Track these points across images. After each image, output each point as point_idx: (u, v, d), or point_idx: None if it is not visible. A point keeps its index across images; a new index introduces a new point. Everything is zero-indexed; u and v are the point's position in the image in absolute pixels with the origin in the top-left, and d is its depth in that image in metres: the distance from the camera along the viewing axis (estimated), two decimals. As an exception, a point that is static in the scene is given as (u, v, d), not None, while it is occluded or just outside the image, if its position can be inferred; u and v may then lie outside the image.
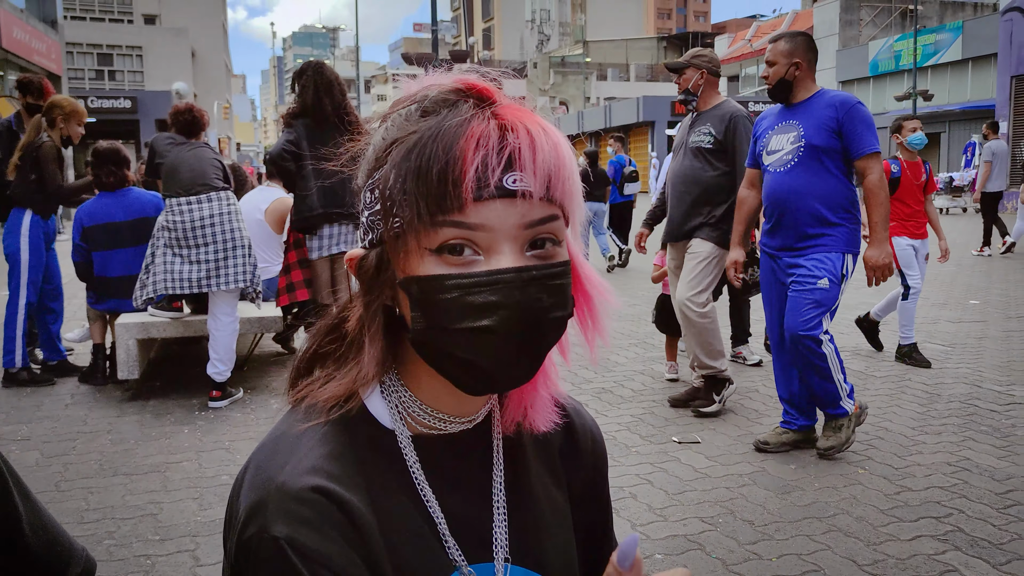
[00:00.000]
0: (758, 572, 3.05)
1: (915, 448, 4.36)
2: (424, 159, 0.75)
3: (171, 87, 37.82)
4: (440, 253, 0.76)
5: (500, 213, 0.76)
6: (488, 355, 0.78)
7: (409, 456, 0.85)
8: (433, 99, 0.79)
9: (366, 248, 0.83)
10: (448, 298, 0.76)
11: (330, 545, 0.75)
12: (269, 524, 0.75)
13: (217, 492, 3.85)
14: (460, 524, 0.86)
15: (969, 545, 3.24)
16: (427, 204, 0.75)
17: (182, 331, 5.49)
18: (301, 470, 0.78)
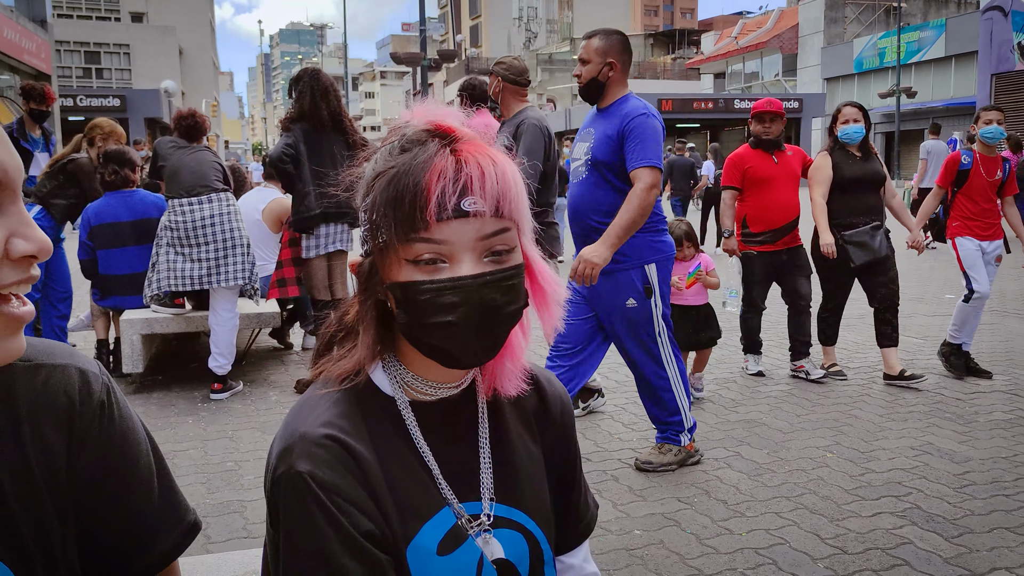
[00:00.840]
0: (729, 546, 3.30)
1: (881, 434, 4.62)
2: (399, 190, 0.98)
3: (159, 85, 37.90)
4: (415, 263, 1.00)
5: (459, 230, 0.98)
6: (454, 342, 1.01)
7: (407, 416, 1.10)
8: (409, 138, 1.03)
9: (363, 256, 1.08)
10: (422, 299, 0.99)
11: (342, 480, 1.00)
12: (295, 463, 0.99)
13: (223, 477, 4.08)
14: (451, 471, 1.11)
15: (925, 520, 3.50)
16: (402, 226, 0.98)
17: (184, 327, 5.72)
18: (318, 423, 1.03)
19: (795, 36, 51.16)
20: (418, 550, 1.04)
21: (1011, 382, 5.64)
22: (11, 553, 0.89)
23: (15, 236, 0.81)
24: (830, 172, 5.71)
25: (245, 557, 1.98)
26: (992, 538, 3.32)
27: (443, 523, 1.07)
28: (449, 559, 1.06)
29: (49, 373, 0.94)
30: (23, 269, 0.82)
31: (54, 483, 0.92)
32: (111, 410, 0.98)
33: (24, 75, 23.53)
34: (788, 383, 5.72)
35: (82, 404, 0.94)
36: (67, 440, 0.93)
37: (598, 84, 3.93)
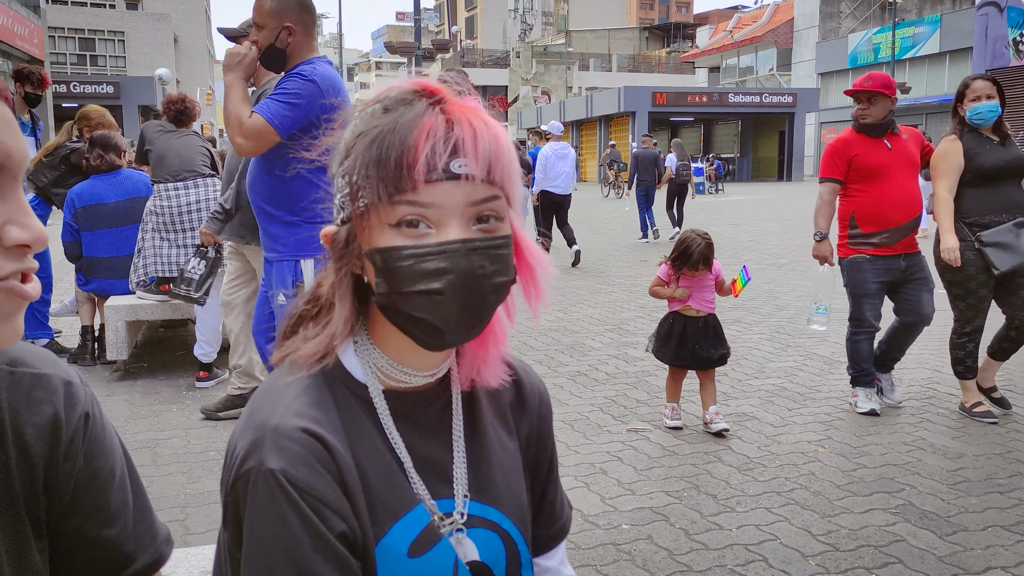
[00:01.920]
0: (719, 541, 3.24)
1: (874, 429, 4.57)
2: (383, 149, 0.90)
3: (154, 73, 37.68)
4: (398, 227, 0.92)
5: (448, 193, 0.91)
6: (438, 314, 0.93)
7: (379, 406, 1.01)
8: (393, 98, 0.95)
9: (338, 225, 0.99)
10: (405, 265, 0.91)
11: (316, 477, 0.91)
12: (265, 458, 0.90)
13: (205, 467, 4.01)
14: (424, 465, 1.03)
15: (918, 517, 3.44)
16: (386, 186, 0.90)
17: (170, 313, 5.63)
18: (290, 414, 0.94)
19: (790, 30, 51.13)
20: (387, 551, 0.96)
21: (1004, 377, 5.59)
22: None
23: (11, 223, 0.78)
24: (961, 160, 4.63)
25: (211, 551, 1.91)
26: (987, 536, 3.26)
27: (416, 522, 0.99)
28: (421, 561, 0.98)
29: (34, 381, 0.91)
30: (17, 258, 0.79)
31: (31, 492, 0.89)
32: (93, 423, 0.95)
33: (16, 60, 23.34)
34: (780, 376, 5.66)
35: (66, 415, 0.92)
36: (48, 450, 0.90)
37: (277, 51, 3.38)
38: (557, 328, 7.27)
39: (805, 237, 14.86)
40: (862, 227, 4.77)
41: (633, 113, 41.97)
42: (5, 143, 0.78)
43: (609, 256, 12.68)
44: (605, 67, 65.42)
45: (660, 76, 62.76)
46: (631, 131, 41.95)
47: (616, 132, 44.02)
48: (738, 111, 44.34)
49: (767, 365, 6.00)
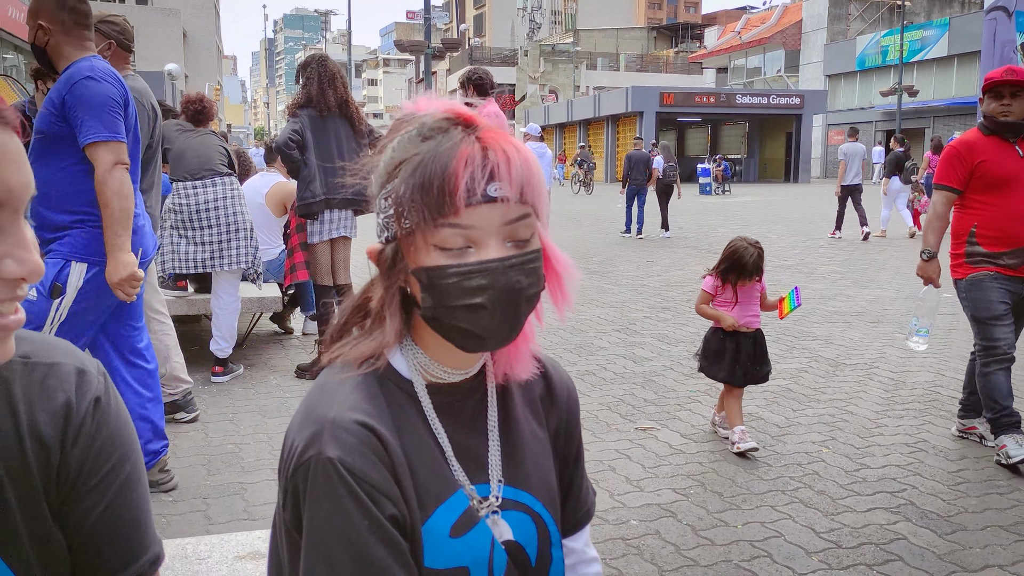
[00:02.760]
0: (724, 537, 3.34)
1: (877, 430, 4.66)
2: (426, 176, 0.99)
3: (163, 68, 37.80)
4: (442, 248, 1.01)
5: (486, 215, 1.00)
6: (480, 324, 1.03)
7: (424, 400, 1.12)
8: (430, 126, 1.04)
9: (383, 243, 1.08)
10: (449, 283, 1.01)
11: (370, 465, 1.01)
12: (324, 448, 1.00)
13: (223, 459, 4.11)
14: (463, 453, 1.13)
15: (919, 516, 3.53)
16: (430, 211, 0.99)
17: (187, 309, 5.74)
18: (346, 408, 1.04)
19: (798, 32, 51.12)
20: (432, 532, 1.07)
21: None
22: (8, 547, 0.91)
23: (8, 257, 0.82)
24: None
25: (248, 538, 2.01)
26: (985, 536, 3.35)
27: (457, 506, 1.09)
28: (461, 541, 1.08)
29: (47, 371, 0.96)
30: (11, 288, 0.83)
31: (47, 478, 0.94)
32: (105, 409, 0.99)
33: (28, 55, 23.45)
34: (785, 377, 5.74)
35: (78, 402, 0.96)
36: (61, 435, 0.95)
37: (40, 51, 3.28)
38: (565, 328, 7.36)
39: (811, 239, 14.97)
40: (985, 245, 4.13)
41: (641, 113, 42.01)
42: (7, 179, 0.81)
43: (616, 257, 12.77)
44: (613, 66, 65.45)
45: (668, 76, 62.75)
46: (638, 131, 41.95)
47: (623, 132, 44.07)
48: (745, 112, 44.35)
49: (773, 366, 6.07)
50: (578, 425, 1.32)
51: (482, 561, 1.10)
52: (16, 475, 0.92)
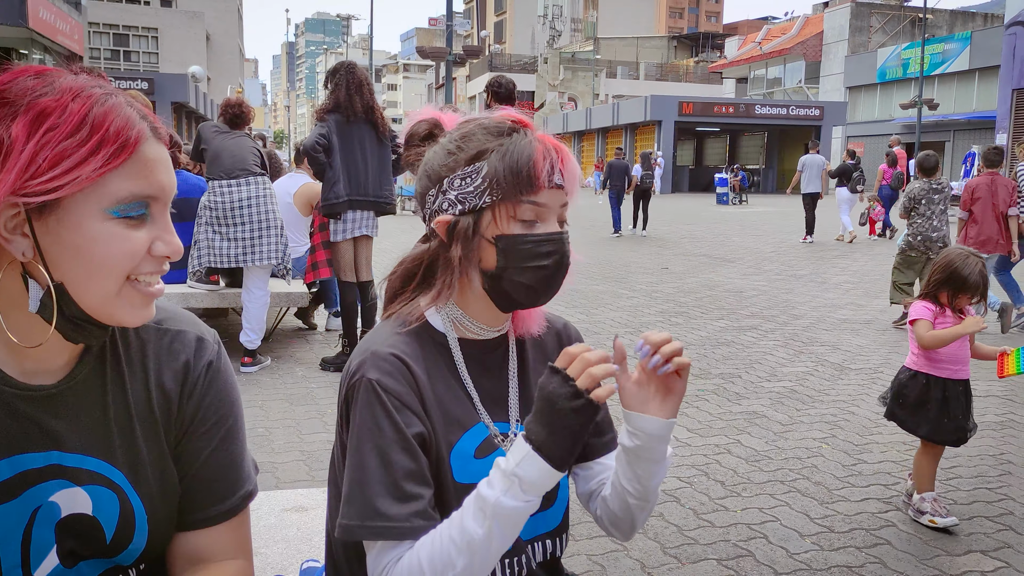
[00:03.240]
0: (724, 521, 3.56)
1: (876, 429, 4.86)
2: (516, 161, 1.27)
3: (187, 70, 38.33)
4: (520, 220, 1.29)
5: (552, 197, 1.29)
6: (543, 283, 1.31)
7: (455, 349, 1.38)
8: (494, 126, 1.32)
9: (455, 216, 1.31)
10: (527, 248, 1.28)
11: (402, 388, 1.28)
12: (366, 372, 1.28)
13: (255, 441, 4.37)
14: (487, 395, 1.39)
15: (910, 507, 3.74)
16: (519, 187, 1.27)
17: (219, 302, 6.01)
18: (386, 345, 1.32)
19: (819, 43, 51.18)
20: (459, 453, 1.32)
21: (1007, 388, 5.85)
22: (130, 465, 1.16)
23: (159, 240, 1.04)
24: None
25: (292, 495, 2.26)
26: (971, 524, 3.56)
27: (479, 434, 1.35)
28: (483, 462, 1.34)
29: (174, 336, 1.22)
30: (158, 264, 1.06)
31: (167, 421, 1.19)
32: (216, 372, 1.23)
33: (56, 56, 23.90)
34: (791, 380, 5.95)
35: (195, 363, 1.20)
36: (180, 389, 1.19)
37: None
38: (579, 329, 7.56)
39: (825, 249, 15.13)
40: None
41: (659, 122, 42.20)
42: (163, 181, 1.04)
43: (631, 263, 12.98)
44: (632, 75, 65.70)
45: (687, 85, 62.95)
46: (656, 140, 42.16)
47: (642, 140, 44.25)
48: (765, 123, 44.46)
49: (779, 369, 6.29)
50: None
51: None
52: (144, 416, 1.17)
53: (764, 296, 9.91)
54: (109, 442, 1.14)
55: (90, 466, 1.12)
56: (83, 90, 1.00)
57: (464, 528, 1.17)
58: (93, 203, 0.99)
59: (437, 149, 1.35)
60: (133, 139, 1.01)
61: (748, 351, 6.87)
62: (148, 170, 1.03)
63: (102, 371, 1.15)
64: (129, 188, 1.01)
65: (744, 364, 6.43)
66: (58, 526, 1.10)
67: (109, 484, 1.13)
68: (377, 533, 1.21)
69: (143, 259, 1.04)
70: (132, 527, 1.14)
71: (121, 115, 1.01)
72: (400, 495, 1.22)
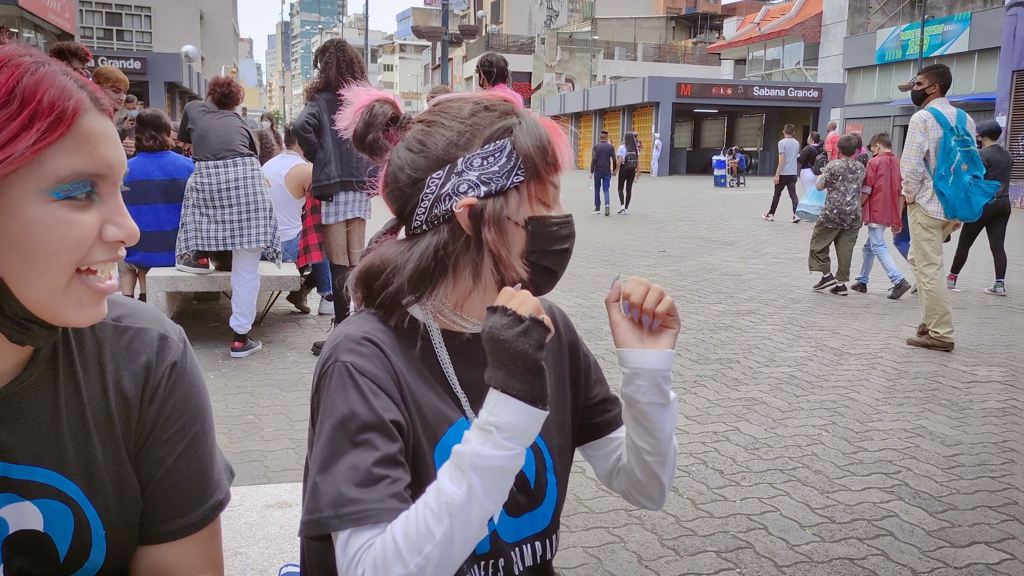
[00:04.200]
0: (723, 511, 3.48)
1: (876, 416, 4.78)
2: (539, 139, 1.21)
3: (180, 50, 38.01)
4: (540, 202, 1.22)
5: (560, 179, 1.26)
6: (562, 266, 1.27)
7: (436, 339, 1.28)
8: (494, 105, 1.23)
9: (479, 198, 1.20)
10: (552, 230, 1.23)
11: (377, 370, 1.18)
12: (339, 354, 1.18)
13: (244, 428, 4.28)
14: (471, 390, 1.29)
15: (912, 496, 3.67)
16: (545, 167, 1.22)
17: (208, 286, 5.90)
18: (360, 330, 1.22)
19: (818, 24, 50.84)
20: (445, 449, 1.22)
21: (1009, 373, 5.78)
22: (85, 476, 1.05)
23: (110, 223, 0.94)
24: None
25: (275, 490, 2.16)
26: (975, 515, 3.48)
27: (461, 430, 1.24)
28: None
29: (134, 335, 1.10)
30: (111, 250, 0.95)
31: (127, 428, 1.08)
32: (181, 373, 1.11)
33: (47, 34, 23.69)
34: (790, 365, 5.87)
35: (157, 364, 1.09)
36: (140, 393, 1.07)
37: None
38: (575, 313, 7.50)
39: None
40: None
41: (657, 104, 41.96)
42: (108, 156, 0.93)
43: (628, 247, 12.89)
44: (630, 56, 65.33)
45: (685, 67, 62.59)
46: (654, 122, 41.94)
47: (639, 122, 44.05)
48: (763, 104, 44.24)
49: (778, 354, 6.20)
50: (579, 342, 1.49)
51: None
52: (101, 422, 1.06)
53: (762, 280, 9.83)
54: (62, 451, 1.03)
55: (40, 478, 1.01)
56: (10, 59, 0.89)
57: (441, 491, 1.06)
58: (30, 184, 0.88)
59: (434, 130, 1.23)
60: (71, 110, 0.90)
61: (746, 335, 6.78)
62: (90, 144, 0.92)
63: (54, 374, 1.04)
64: (70, 165, 0.90)
65: (743, 349, 6.34)
66: (5, 544, 1.00)
67: (62, 497, 1.03)
68: (349, 520, 1.08)
69: (94, 245, 0.93)
70: (88, 543, 1.05)
71: (55, 84, 0.89)
72: (373, 479, 1.11)
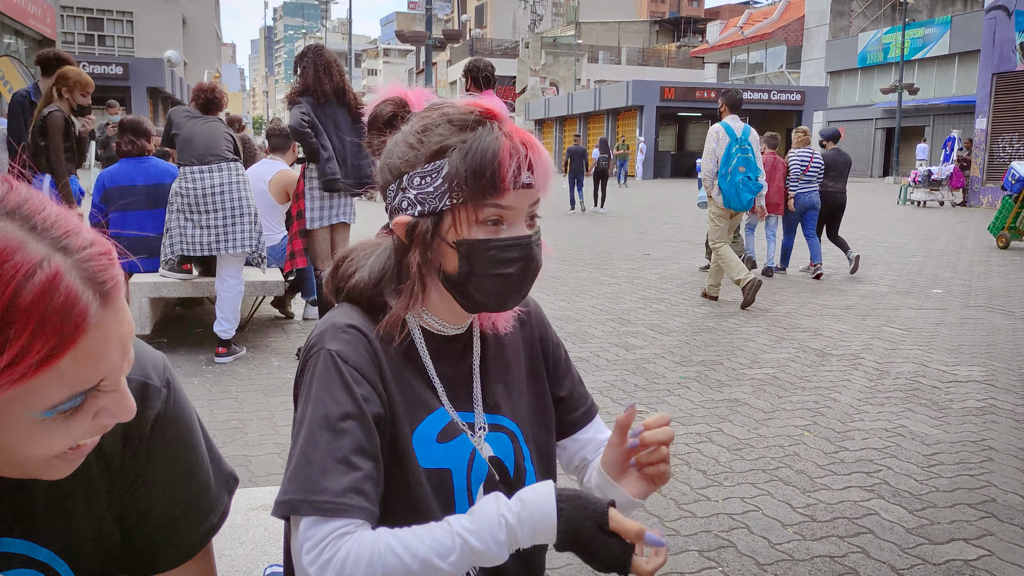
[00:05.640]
0: (705, 511, 3.51)
1: (858, 416, 4.83)
2: (479, 161, 1.16)
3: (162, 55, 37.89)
4: (484, 223, 1.19)
5: (520, 198, 1.19)
6: (508, 289, 1.23)
7: (416, 335, 1.30)
8: (459, 117, 1.21)
9: (413, 216, 1.22)
10: (490, 254, 1.19)
11: (361, 359, 1.21)
12: (325, 343, 1.21)
13: (228, 434, 4.28)
14: (448, 383, 1.32)
15: (892, 495, 3.71)
16: (482, 190, 1.17)
17: (192, 292, 5.90)
18: (344, 320, 1.25)
19: (800, 28, 51.17)
20: (422, 437, 1.26)
21: (988, 373, 5.84)
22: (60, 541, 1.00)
23: (104, 411, 0.85)
24: None
25: (260, 492, 2.18)
26: (953, 512, 3.53)
27: (441, 419, 1.29)
28: (446, 447, 1.28)
29: None
30: (99, 430, 0.87)
31: (109, 483, 1.03)
32: (164, 424, 1.05)
33: (28, 39, 23.57)
34: (773, 366, 5.91)
35: (137, 422, 1.00)
36: (121, 448, 1.02)
37: None
38: (561, 316, 7.53)
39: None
40: None
41: (641, 107, 42.10)
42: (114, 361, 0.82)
43: (612, 250, 12.93)
44: (614, 60, 65.53)
45: (669, 70, 62.83)
46: (638, 125, 42.08)
47: (624, 126, 44.18)
48: (746, 108, 44.03)
49: (761, 356, 6.25)
50: (551, 336, 1.50)
51: (462, 467, 1.29)
52: (78, 484, 0.99)
53: (745, 281, 9.87)
54: (33, 519, 0.97)
55: (10, 548, 0.96)
56: (6, 255, 0.72)
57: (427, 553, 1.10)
58: (17, 409, 0.77)
59: (398, 139, 1.25)
60: (74, 329, 0.75)
61: (730, 337, 6.83)
62: (95, 358, 0.79)
63: None
64: (67, 389, 0.78)
65: (726, 351, 6.38)
66: None
67: (36, 565, 0.98)
68: (317, 508, 1.11)
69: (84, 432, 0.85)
70: None
71: (60, 293, 0.74)
72: (346, 469, 1.14)
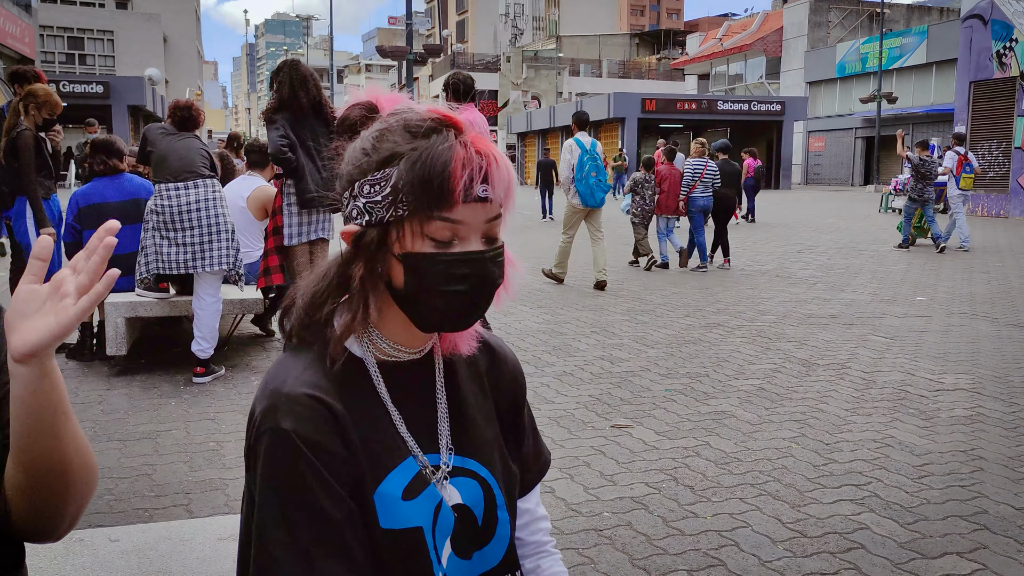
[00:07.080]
0: (694, 528, 3.44)
1: (846, 427, 4.77)
2: (427, 171, 1.07)
3: (143, 73, 37.75)
4: (431, 238, 1.11)
5: (473, 212, 1.10)
6: (458, 307, 1.14)
7: (375, 374, 1.20)
8: (416, 124, 1.12)
9: (361, 226, 1.15)
10: (437, 269, 1.11)
11: (322, 434, 1.10)
12: (280, 420, 1.09)
13: (206, 456, 4.18)
14: (413, 423, 1.22)
15: (883, 508, 3.65)
16: (429, 203, 1.08)
17: (168, 311, 5.79)
18: (299, 384, 1.13)
19: (779, 39, 51.47)
20: (384, 495, 1.15)
21: (974, 381, 5.81)
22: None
23: None
24: None
25: (229, 521, 2.09)
26: (945, 525, 3.47)
27: (407, 471, 1.18)
28: (413, 504, 1.17)
29: None
30: None
31: None
32: None
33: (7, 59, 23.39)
34: (759, 377, 5.86)
35: None
36: None
37: None
38: (544, 330, 7.46)
39: (789, 244, 15.15)
40: None
41: (623, 119, 42.18)
42: None
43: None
44: (595, 73, 65.75)
45: (650, 83, 63.09)
46: (620, 137, 42.15)
47: (606, 138, 44.23)
48: (727, 119, 44.58)
49: (747, 367, 6.19)
50: (524, 402, 1.41)
51: (430, 521, 1.19)
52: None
53: (730, 292, 9.85)
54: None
55: None
56: None
57: None
58: None
59: (356, 145, 1.17)
60: None
61: (715, 348, 6.77)
62: None
63: None
64: None
65: (711, 362, 6.32)
66: None
67: None
68: None
69: None
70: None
71: None
72: (317, 558, 1.06)
